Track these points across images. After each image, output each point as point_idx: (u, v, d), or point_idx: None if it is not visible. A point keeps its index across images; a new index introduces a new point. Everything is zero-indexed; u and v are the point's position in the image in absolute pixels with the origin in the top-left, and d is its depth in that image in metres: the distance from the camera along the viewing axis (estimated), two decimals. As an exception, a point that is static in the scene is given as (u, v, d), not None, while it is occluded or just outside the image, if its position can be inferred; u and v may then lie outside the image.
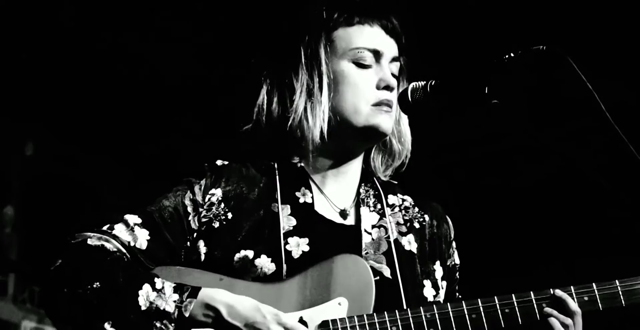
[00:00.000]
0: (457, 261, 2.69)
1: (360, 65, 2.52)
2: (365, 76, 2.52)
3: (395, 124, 2.58)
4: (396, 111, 2.56)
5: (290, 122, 2.50)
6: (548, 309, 2.36)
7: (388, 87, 2.51)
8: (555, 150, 2.36)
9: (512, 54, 2.22)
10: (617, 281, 2.40)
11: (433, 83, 2.37)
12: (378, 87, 2.51)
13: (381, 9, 2.59)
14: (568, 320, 2.35)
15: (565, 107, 5.25)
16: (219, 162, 2.57)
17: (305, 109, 2.49)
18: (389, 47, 2.56)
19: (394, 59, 2.57)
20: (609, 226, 6.51)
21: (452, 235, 2.69)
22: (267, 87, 2.57)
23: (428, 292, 2.52)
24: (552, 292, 2.38)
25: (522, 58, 2.21)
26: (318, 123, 2.48)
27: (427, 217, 2.64)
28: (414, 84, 2.40)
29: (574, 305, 2.36)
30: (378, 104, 2.50)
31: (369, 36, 2.54)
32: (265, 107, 2.56)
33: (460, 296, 2.67)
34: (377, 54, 2.53)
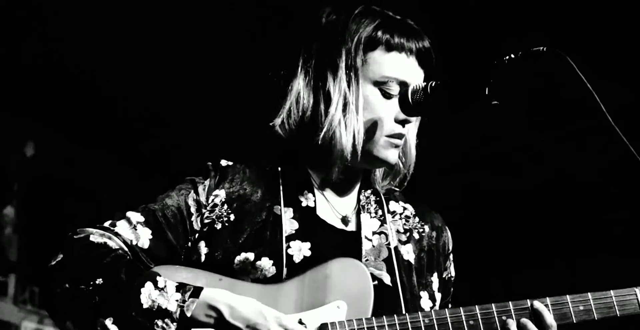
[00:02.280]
0: (453, 274, 2.69)
1: (386, 94, 2.49)
2: (387, 107, 2.49)
3: (403, 144, 2.56)
4: (405, 141, 2.55)
5: (322, 133, 2.47)
6: (523, 320, 2.37)
7: (405, 122, 2.50)
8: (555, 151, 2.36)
9: (512, 55, 2.22)
10: (612, 291, 2.42)
11: (433, 84, 2.37)
12: (396, 120, 2.50)
13: (421, 35, 2.56)
14: None
15: (566, 108, 5.25)
16: (223, 163, 2.56)
17: (339, 122, 2.47)
18: (417, 78, 2.53)
19: None
20: (609, 227, 6.52)
21: (450, 247, 2.69)
22: (302, 83, 2.52)
23: (425, 303, 2.53)
24: (529, 303, 2.39)
25: (522, 59, 2.21)
26: (350, 139, 2.46)
27: (427, 228, 2.65)
28: (414, 85, 2.40)
29: (549, 318, 2.37)
30: (391, 136, 2.50)
31: (401, 67, 2.50)
32: (297, 109, 2.52)
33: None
34: (404, 85, 2.50)
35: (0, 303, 5.66)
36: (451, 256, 2.69)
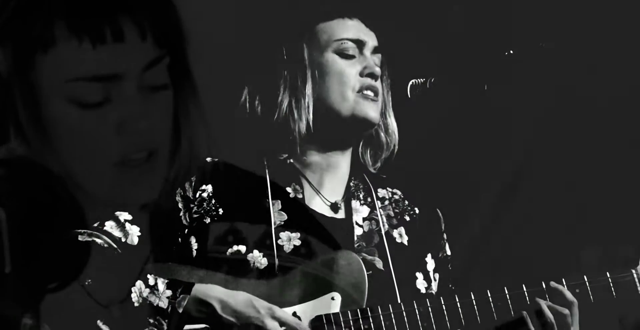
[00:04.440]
0: (449, 252, 2.68)
1: (344, 55, 2.54)
2: (348, 65, 2.54)
3: (381, 116, 2.58)
4: (382, 103, 2.57)
5: (275, 117, 2.51)
6: (540, 301, 2.36)
7: (372, 75, 2.52)
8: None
9: (511, 51, 2.22)
10: (608, 273, 2.40)
11: (433, 80, 2.38)
12: (362, 75, 2.52)
13: (358, 7, 2.62)
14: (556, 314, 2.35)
15: (564, 104, 5.24)
16: (208, 159, 2.57)
17: (289, 102, 2.51)
18: (370, 37, 2.59)
19: (375, 50, 2.59)
20: (606, 222, 6.51)
21: (443, 227, 2.69)
22: (248, 88, 2.59)
23: (420, 284, 2.53)
24: (544, 285, 2.39)
25: (521, 55, 2.21)
26: (303, 115, 2.49)
27: (417, 210, 2.65)
28: (413, 80, 2.41)
29: (570, 295, 2.37)
30: (363, 91, 2.51)
31: (348, 27, 2.57)
32: (247, 105, 2.57)
33: (453, 288, 2.67)
34: (360, 44, 2.55)
35: (-2, 297, 5.68)
36: (445, 236, 2.68)
